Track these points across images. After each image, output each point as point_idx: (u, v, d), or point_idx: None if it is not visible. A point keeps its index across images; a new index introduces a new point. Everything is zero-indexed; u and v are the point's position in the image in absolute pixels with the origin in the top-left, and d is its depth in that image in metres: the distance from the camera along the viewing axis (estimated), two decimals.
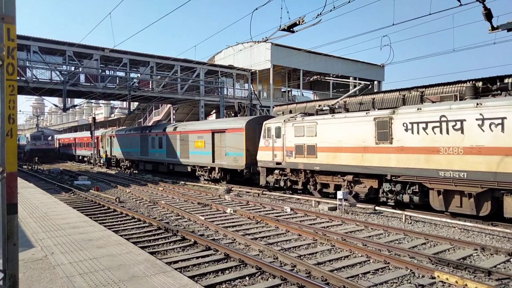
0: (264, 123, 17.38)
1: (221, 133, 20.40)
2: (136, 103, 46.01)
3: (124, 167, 32.13)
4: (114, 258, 6.15)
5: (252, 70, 38.88)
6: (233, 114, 34.24)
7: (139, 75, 34.77)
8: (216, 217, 12.04)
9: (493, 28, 10.42)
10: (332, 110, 15.37)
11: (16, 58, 3.76)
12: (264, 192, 17.15)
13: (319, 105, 16.35)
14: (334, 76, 38.96)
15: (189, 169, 23.24)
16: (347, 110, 14.98)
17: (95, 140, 37.26)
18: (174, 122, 39.75)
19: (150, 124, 46.17)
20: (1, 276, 3.71)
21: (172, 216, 12.29)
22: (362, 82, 15.27)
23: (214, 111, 42.85)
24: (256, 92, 39.43)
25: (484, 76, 16.19)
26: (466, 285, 6.03)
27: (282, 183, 16.61)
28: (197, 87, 35.62)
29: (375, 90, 41.13)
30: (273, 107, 33.83)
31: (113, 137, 33.96)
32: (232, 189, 18.46)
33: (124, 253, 6.43)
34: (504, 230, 9.65)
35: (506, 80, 16.15)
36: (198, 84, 35.47)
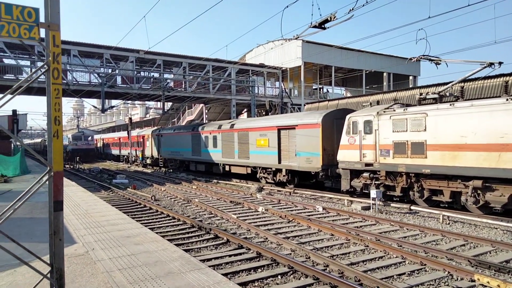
0: (348, 116, 14.75)
1: (290, 130, 17.95)
2: (170, 103, 47.15)
3: (173, 167, 30.79)
4: (150, 254, 6.38)
5: (283, 68, 38.79)
6: (264, 113, 34.30)
7: (172, 75, 35.63)
8: (248, 216, 12.16)
9: None
10: (441, 98, 12.78)
11: (61, 63, 4.00)
12: (295, 191, 17.10)
13: (420, 94, 13.48)
14: (367, 72, 38.26)
15: (248, 170, 20.98)
16: (462, 98, 12.48)
17: (141, 140, 37.74)
18: (206, 121, 40.37)
19: (183, 123, 47.17)
20: (48, 270, 3.96)
21: (205, 214, 12.54)
22: (486, 61, 11.85)
23: (245, 110, 43.15)
24: (287, 90, 39.31)
25: None
26: None
27: (373, 189, 13.77)
28: (229, 86, 36.02)
29: (410, 86, 39.86)
30: (304, 105, 33.63)
31: (161, 136, 32.29)
32: (264, 187, 18.54)
33: (160, 250, 6.65)
34: None
35: None
36: (229, 83, 35.85)
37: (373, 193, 12.65)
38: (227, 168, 23.07)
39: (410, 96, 20.48)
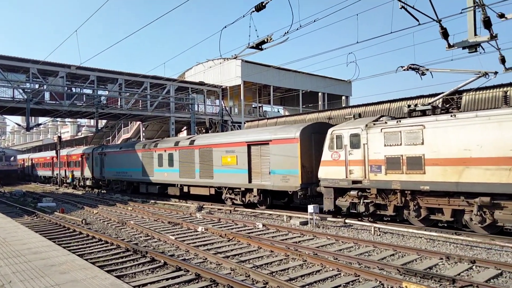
0: (331, 130, 13.63)
1: (262, 145, 16.50)
2: (104, 121, 44.97)
3: (119, 190, 27.98)
4: (77, 283, 5.89)
5: (223, 87, 39.07)
6: (204, 131, 34.09)
7: (107, 92, 34.13)
8: (187, 236, 11.81)
9: (449, 46, 11.03)
10: (434, 110, 12.03)
11: None
12: (236, 209, 17.03)
13: (408, 105, 12.67)
14: (304, 91, 39.96)
15: (212, 191, 19.19)
16: (458, 109, 11.84)
17: (79, 159, 34.71)
18: (143, 139, 39.01)
19: (119, 142, 45.14)
20: None
21: (141, 237, 11.96)
22: (482, 71, 11.22)
23: (184, 127, 42.56)
24: (227, 108, 39.56)
25: (444, 91, 17.08)
26: None
27: (361, 208, 12.66)
28: (167, 104, 35.34)
29: (343, 105, 42.26)
30: (244, 123, 34.03)
31: (104, 154, 29.51)
32: (204, 206, 18.23)
33: (89, 278, 6.18)
34: (467, 239, 10.02)
35: (464, 96, 17.03)
36: (168, 101, 35.19)
37: (310, 208, 13.00)
38: (185, 189, 20.93)
39: (342, 114, 21.63)
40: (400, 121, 11.89)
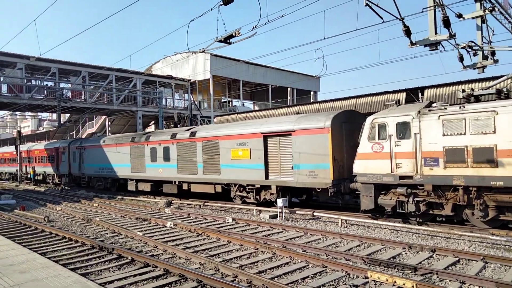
0: (371, 118, 11.87)
1: (282, 136, 14.71)
2: (67, 115, 43.25)
3: (101, 187, 25.56)
4: (39, 283, 5.67)
5: (192, 80, 38.54)
6: (172, 125, 33.55)
7: (70, 85, 32.82)
8: (155, 232, 11.64)
9: (412, 44, 11.40)
10: (499, 93, 10.51)
11: None
12: (205, 204, 16.94)
13: (463, 90, 10.97)
14: (273, 86, 40.16)
15: (218, 188, 17.16)
16: None
17: (53, 154, 31.94)
18: (109, 134, 37.86)
19: (84, 136, 43.61)
20: None
21: (107, 234, 11.66)
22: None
23: (152, 122, 41.72)
24: (196, 103, 39.10)
25: (407, 87, 17.70)
26: (395, 282, 6.45)
27: (411, 208, 10.97)
28: (134, 98, 34.46)
29: (311, 100, 42.88)
30: (214, 117, 33.81)
31: (83, 149, 27.01)
32: (173, 202, 18.01)
33: (51, 276, 5.96)
34: (428, 229, 10.50)
35: (426, 91, 17.73)
36: (135, 94, 34.32)
37: (279, 201, 13.13)
38: (185, 186, 18.78)
39: (312, 109, 21.92)
40: (464, 106, 10.21)
